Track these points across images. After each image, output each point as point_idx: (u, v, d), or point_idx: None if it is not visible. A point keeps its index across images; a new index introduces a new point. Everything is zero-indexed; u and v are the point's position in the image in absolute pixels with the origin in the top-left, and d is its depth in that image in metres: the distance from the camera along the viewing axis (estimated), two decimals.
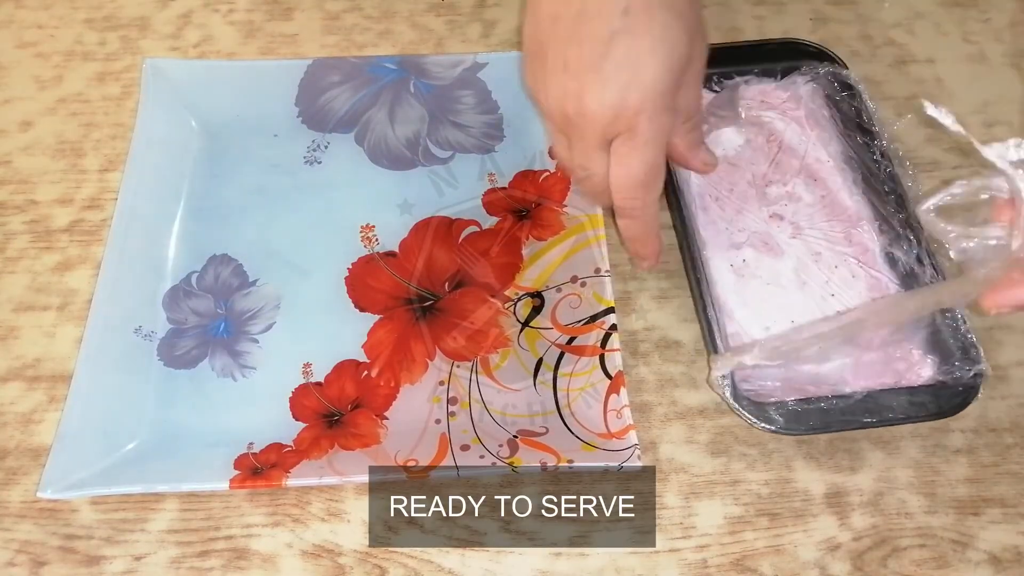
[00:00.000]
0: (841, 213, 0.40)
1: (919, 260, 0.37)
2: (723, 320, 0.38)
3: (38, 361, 0.39)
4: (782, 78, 0.44)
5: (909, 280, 0.38)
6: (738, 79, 0.44)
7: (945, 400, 0.35)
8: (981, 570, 0.34)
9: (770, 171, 0.42)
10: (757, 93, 0.44)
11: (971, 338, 0.35)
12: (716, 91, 0.44)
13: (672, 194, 0.40)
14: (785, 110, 0.43)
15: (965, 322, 0.36)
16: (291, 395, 0.38)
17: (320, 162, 0.45)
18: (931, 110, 0.30)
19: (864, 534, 0.35)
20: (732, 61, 0.44)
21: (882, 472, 0.37)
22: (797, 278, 0.39)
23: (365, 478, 0.35)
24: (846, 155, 0.42)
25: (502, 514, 0.36)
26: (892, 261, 0.39)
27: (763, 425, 0.34)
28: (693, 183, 0.42)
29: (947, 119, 0.30)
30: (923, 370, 0.36)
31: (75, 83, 0.48)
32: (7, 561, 0.35)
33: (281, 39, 0.50)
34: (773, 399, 0.35)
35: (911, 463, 0.37)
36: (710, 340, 0.36)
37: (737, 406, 0.35)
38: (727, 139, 0.43)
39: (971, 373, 0.34)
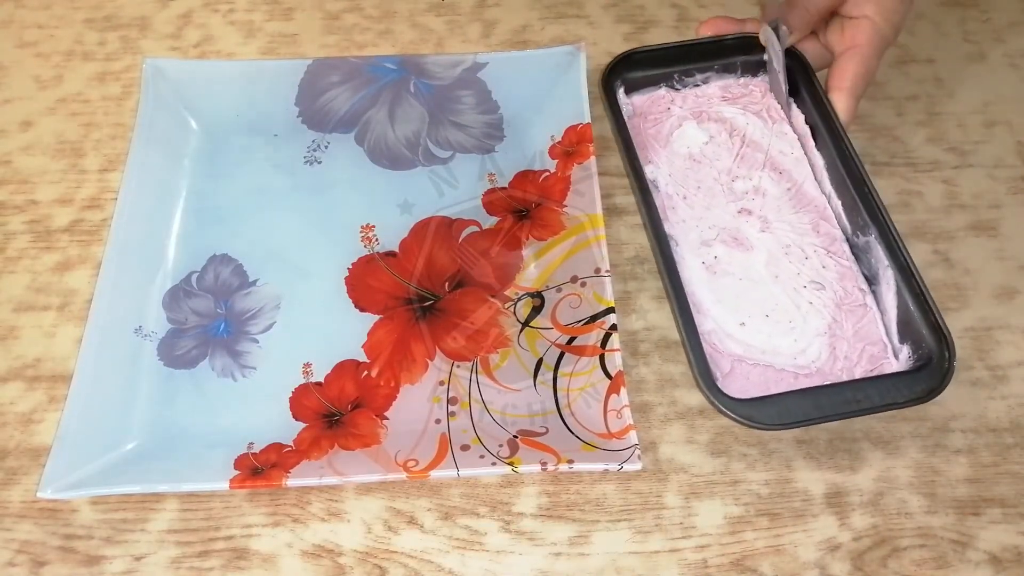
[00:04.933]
0: (808, 204, 0.41)
1: (886, 246, 0.37)
2: (699, 319, 0.38)
3: (38, 361, 0.39)
4: (742, 73, 0.44)
5: (874, 267, 0.38)
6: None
7: (921, 385, 0.34)
8: (981, 570, 0.34)
9: (735, 166, 0.42)
10: (718, 89, 0.44)
11: (941, 322, 0.35)
12: (677, 89, 0.45)
13: (641, 194, 0.40)
14: (746, 104, 0.44)
15: (934, 307, 0.35)
16: (291, 395, 0.38)
17: (320, 162, 0.45)
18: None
19: (864, 534, 0.35)
20: (692, 59, 0.44)
21: (882, 472, 0.37)
22: (769, 271, 0.39)
23: (365, 478, 0.35)
24: (813, 147, 0.42)
25: (502, 514, 0.36)
26: (858, 249, 0.39)
27: (752, 423, 0.34)
28: (661, 183, 0.42)
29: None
30: (898, 356, 0.37)
31: (75, 83, 0.48)
32: (7, 561, 0.35)
33: (281, 39, 0.50)
34: (757, 395, 0.35)
35: (911, 463, 0.37)
36: (690, 342, 0.35)
37: (721, 406, 0.34)
38: (690, 137, 0.43)
39: (946, 358, 0.34)
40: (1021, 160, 0.45)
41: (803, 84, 0.42)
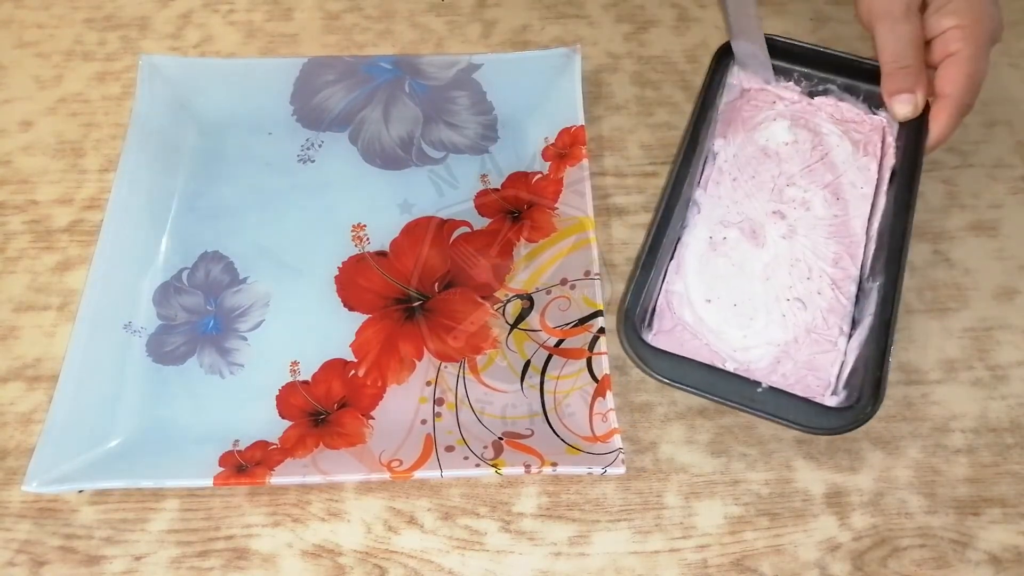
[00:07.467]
0: (845, 237, 0.40)
1: (882, 299, 0.36)
2: (672, 276, 0.38)
3: (38, 361, 0.39)
4: (863, 100, 0.43)
5: (863, 313, 0.37)
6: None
7: (822, 419, 0.34)
8: (981, 570, 0.34)
9: (798, 174, 0.41)
10: (831, 105, 0.43)
11: (884, 383, 0.34)
12: (794, 88, 0.44)
13: (684, 154, 0.40)
14: (849, 129, 0.43)
15: (887, 369, 0.34)
16: (278, 393, 0.38)
17: (313, 161, 0.45)
18: None
19: (864, 534, 0.35)
20: (820, 66, 0.43)
21: (882, 472, 0.37)
22: (764, 272, 0.39)
23: (349, 477, 0.35)
24: (885, 191, 0.41)
25: (502, 514, 0.36)
26: (862, 293, 0.38)
27: (639, 362, 0.34)
28: (720, 158, 0.42)
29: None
30: (832, 396, 0.36)
31: (75, 83, 0.48)
32: (7, 561, 0.35)
33: (281, 39, 0.50)
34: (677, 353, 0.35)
35: (911, 463, 0.37)
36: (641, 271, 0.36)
37: (624, 332, 0.35)
38: (775, 133, 0.42)
39: (866, 413, 0.33)
40: (1021, 160, 0.45)
41: (911, 128, 0.41)
